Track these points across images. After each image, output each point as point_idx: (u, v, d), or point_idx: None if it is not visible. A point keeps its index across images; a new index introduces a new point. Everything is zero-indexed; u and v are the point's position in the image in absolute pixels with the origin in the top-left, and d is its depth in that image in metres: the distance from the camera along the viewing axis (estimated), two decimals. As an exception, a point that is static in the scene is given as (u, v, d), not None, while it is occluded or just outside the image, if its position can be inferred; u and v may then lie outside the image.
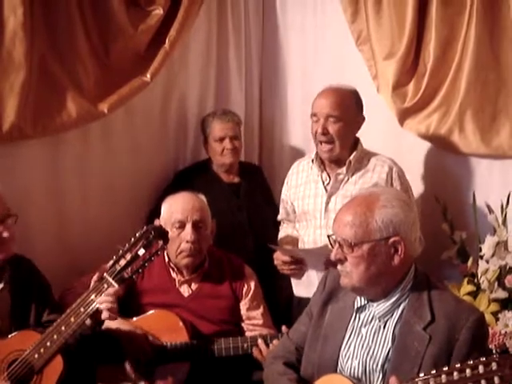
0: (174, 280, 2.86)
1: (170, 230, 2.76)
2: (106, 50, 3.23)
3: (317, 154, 3.02)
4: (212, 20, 3.76)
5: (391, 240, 1.99)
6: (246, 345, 2.68)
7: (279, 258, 2.97)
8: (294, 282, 3.03)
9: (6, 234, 2.49)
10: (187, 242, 2.78)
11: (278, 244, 3.16)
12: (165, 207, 2.90)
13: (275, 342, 2.62)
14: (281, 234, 3.25)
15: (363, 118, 3.00)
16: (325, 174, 3.00)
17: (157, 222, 2.85)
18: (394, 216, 2.00)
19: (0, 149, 2.96)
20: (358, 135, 3.02)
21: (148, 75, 3.33)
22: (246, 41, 3.92)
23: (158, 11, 3.31)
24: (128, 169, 3.50)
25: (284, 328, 2.63)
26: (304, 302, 2.82)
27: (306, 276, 2.96)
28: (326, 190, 2.98)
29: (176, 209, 2.83)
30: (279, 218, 3.26)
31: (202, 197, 2.91)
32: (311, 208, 3.01)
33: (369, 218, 2.00)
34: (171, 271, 2.87)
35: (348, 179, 2.96)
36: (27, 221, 3.03)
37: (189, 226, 2.79)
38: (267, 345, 2.64)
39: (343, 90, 2.96)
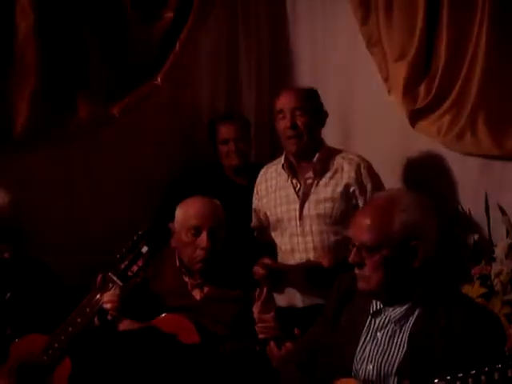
0: (187, 283, 2.85)
1: (185, 235, 2.77)
2: (117, 53, 3.24)
3: (285, 158, 3.01)
4: (222, 23, 3.77)
5: (411, 244, 1.97)
6: (258, 347, 2.68)
7: (259, 272, 2.90)
8: (275, 295, 3.00)
9: (6, 255, 2.50)
10: (202, 248, 2.77)
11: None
12: (180, 211, 2.88)
13: (288, 344, 2.61)
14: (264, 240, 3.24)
15: (326, 113, 3.04)
16: (295, 180, 3.00)
17: (171, 226, 2.85)
18: (413, 220, 1.98)
19: (12, 152, 2.98)
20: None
21: (159, 78, 3.35)
22: (256, 43, 3.93)
23: (169, 14, 3.33)
24: (138, 171, 3.52)
25: (296, 330, 2.63)
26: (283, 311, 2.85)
27: (286, 291, 2.98)
28: (298, 196, 2.98)
29: (192, 214, 2.81)
30: (252, 225, 3.26)
31: (217, 202, 2.89)
32: (285, 216, 3.01)
33: (389, 221, 1.97)
34: (183, 275, 2.87)
35: (318, 182, 2.96)
36: (40, 222, 3.05)
37: (204, 233, 2.77)
38: (279, 346, 2.63)
39: (301, 87, 3.09)
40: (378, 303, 2.07)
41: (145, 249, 2.42)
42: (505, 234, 3.04)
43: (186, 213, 2.84)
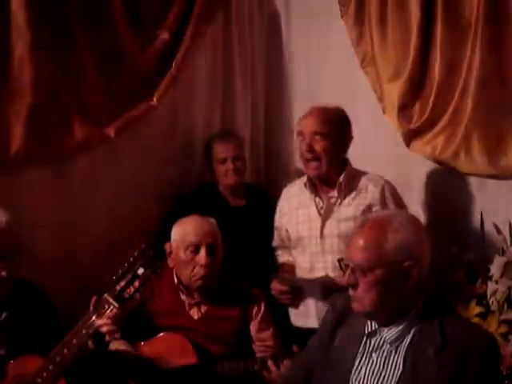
0: (184, 302, 2.85)
1: (184, 254, 2.78)
2: (113, 74, 3.26)
3: (308, 177, 3.00)
4: (218, 43, 3.78)
5: (405, 264, 1.97)
6: (256, 366, 2.66)
7: (277, 287, 2.96)
8: (291, 312, 3.01)
9: (3, 273, 2.49)
10: (201, 265, 2.77)
11: (278, 269, 3.14)
12: (177, 230, 2.89)
13: (286, 362, 2.59)
14: (277, 262, 3.23)
15: (351, 137, 2.99)
16: (318, 198, 2.98)
17: (167, 246, 2.84)
18: (407, 240, 1.98)
19: (7, 173, 2.97)
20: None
21: (154, 99, 3.36)
22: (251, 63, 3.95)
23: (165, 36, 3.35)
24: (134, 191, 3.49)
25: (295, 348, 2.62)
26: (302, 331, 2.81)
27: (303, 305, 2.95)
28: (320, 214, 2.96)
29: (190, 232, 2.82)
30: (274, 244, 3.24)
31: (213, 220, 2.91)
32: (306, 234, 2.99)
33: (382, 241, 1.97)
34: (181, 294, 2.86)
35: (341, 202, 2.94)
36: (34, 243, 3.04)
37: (203, 250, 2.79)
38: (277, 365, 2.61)
39: (328, 108, 2.98)
40: (373, 323, 2.07)
41: (141, 270, 2.41)
42: (500, 252, 3.04)
43: (184, 231, 2.84)
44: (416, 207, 3.09)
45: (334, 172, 2.94)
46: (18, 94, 2.91)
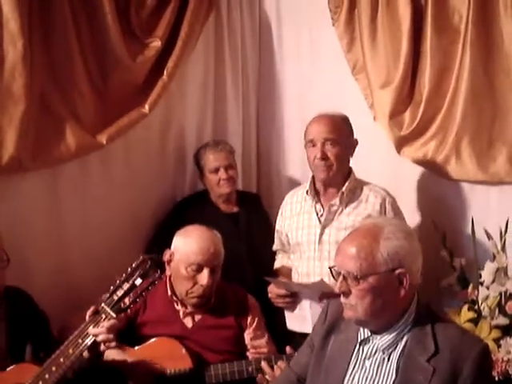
0: (178, 312, 2.84)
1: (185, 270, 2.75)
2: (105, 81, 3.26)
3: (311, 184, 3.02)
4: (209, 51, 3.79)
5: (397, 272, 1.98)
6: (250, 368, 2.67)
7: (273, 291, 2.98)
8: (287, 315, 3.02)
9: None
10: (202, 285, 2.76)
11: (274, 274, 3.15)
12: (181, 242, 2.82)
13: (280, 363, 2.59)
14: (276, 264, 3.26)
15: (356, 142, 3.03)
16: (319, 206, 3.00)
17: (167, 254, 2.82)
18: (399, 248, 1.99)
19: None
20: (353, 163, 3.03)
21: (146, 106, 3.36)
22: (243, 71, 3.96)
23: (156, 43, 3.35)
24: (127, 199, 3.50)
25: (288, 349, 2.62)
26: (297, 336, 2.81)
27: (299, 309, 2.95)
28: (319, 221, 2.98)
29: (195, 251, 2.75)
30: (274, 248, 3.27)
31: (219, 237, 2.85)
32: (305, 239, 3.00)
33: (374, 250, 1.98)
34: (175, 304, 2.86)
35: (342, 210, 2.96)
36: (25, 252, 3.04)
37: (206, 271, 2.75)
38: (271, 367, 2.61)
39: (335, 115, 3.00)
40: (366, 331, 2.08)
41: (138, 281, 2.42)
42: (491, 258, 3.05)
43: (189, 247, 2.77)
44: (406, 213, 3.10)
45: (339, 179, 2.97)
46: (10, 102, 2.90)
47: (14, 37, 2.87)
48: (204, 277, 2.75)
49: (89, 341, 2.38)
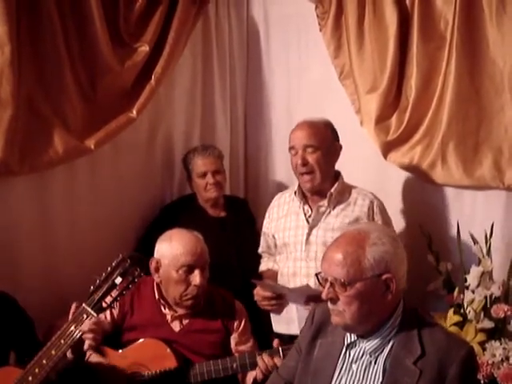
0: (166, 315, 2.84)
1: (176, 273, 2.76)
2: (93, 86, 3.26)
3: (299, 186, 3.04)
4: (197, 56, 3.81)
5: (383, 277, 2.00)
6: (235, 364, 2.67)
7: (260, 293, 2.98)
8: (273, 318, 3.02)
9: None
10: (195, 285, 2.77)
11: (259, 277, 3.16)
12: (165, 247, 2.83)
13: (265, 356, 2.57)
14: (261, 267, 3.27)
15: (340, 147, 3.05)
16: (306, 207, 3.02)
17: (153, 262, 2.82)
18: (384, 253, 2.01)
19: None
20: (340, 168, 3.05)
21: (134, 111, 3.36)
22: (230, 76, 3.98)
23: (144, 48, 3.36)
24: (115, 203, 3.50)
25: (275, 342, 2.62)
26: (283, 338, 2.82)
27: (286, 312, 2.96)
28: (307, 221, 3.00)
29: (183, 253, 2.77)
30: (260, 250, 3.28)
31: (201, 236, 2.88)
32: (292, 240, 3.02)
33: (360, 256, 1.99)
34: (162, 307, 2.86)
35: (330, 212, 2.98)
36: (14, 256, 3.03)
37: (198, 271, 2.77)
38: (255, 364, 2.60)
39: (317, 121, 3.02)
40: (352, 335, 2.09)
41: (118, 279, 2.43)
42: (477, 262, 3.08)
43: (176, 250, 2.79)
44: (393, 217, 3.12)
45: (326, 184, 2.99)
46: (-2, 108, 2.90)
47: (1, 42, 2.86)
48: (196, 276, 2.77)
49: (70, 341, 2.38)
